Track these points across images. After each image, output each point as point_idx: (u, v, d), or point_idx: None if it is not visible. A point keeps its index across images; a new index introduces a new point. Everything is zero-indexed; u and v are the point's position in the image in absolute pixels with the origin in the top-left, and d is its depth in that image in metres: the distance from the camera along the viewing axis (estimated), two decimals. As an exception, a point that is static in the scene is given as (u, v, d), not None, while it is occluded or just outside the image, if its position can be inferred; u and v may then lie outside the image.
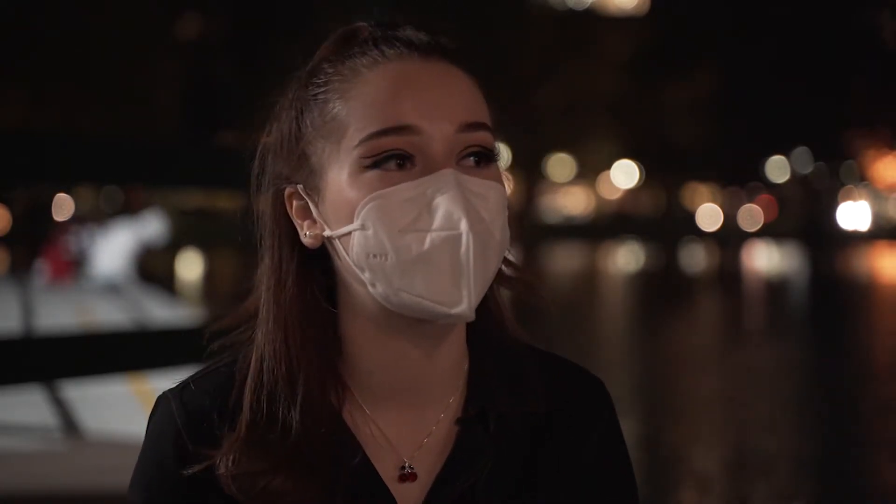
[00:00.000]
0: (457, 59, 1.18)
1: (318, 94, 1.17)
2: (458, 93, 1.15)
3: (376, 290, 1.13)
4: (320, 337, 1.18)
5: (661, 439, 7.63)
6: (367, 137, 1.12)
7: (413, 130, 1.12)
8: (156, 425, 1.20)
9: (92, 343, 5.30)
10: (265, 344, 1.17)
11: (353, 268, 1.14)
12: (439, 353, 1.19)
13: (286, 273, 1.18)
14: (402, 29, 1.18)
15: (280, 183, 1.19)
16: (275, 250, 1.19)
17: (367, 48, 1.17)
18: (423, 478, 1.19)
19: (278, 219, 1.20)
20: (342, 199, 1.14)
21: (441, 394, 1.21)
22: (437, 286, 1.10)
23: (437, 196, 1.11)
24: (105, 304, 14.95)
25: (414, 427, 1.20)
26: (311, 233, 1.18)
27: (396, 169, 1.12)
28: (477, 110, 1.16)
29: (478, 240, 1.10)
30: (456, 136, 1.14)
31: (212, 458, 1.15)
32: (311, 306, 1.18)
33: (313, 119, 1.17)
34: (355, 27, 1.20)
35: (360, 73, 1.15)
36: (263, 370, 1.17)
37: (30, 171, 5.04)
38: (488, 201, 1.13)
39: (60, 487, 5.08)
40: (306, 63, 1.21)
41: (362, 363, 1.19)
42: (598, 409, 1.29)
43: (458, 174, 1.12)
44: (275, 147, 1.20)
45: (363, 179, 1.12)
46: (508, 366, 1.24)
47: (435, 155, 1.13)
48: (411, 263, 1.11)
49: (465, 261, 1.10)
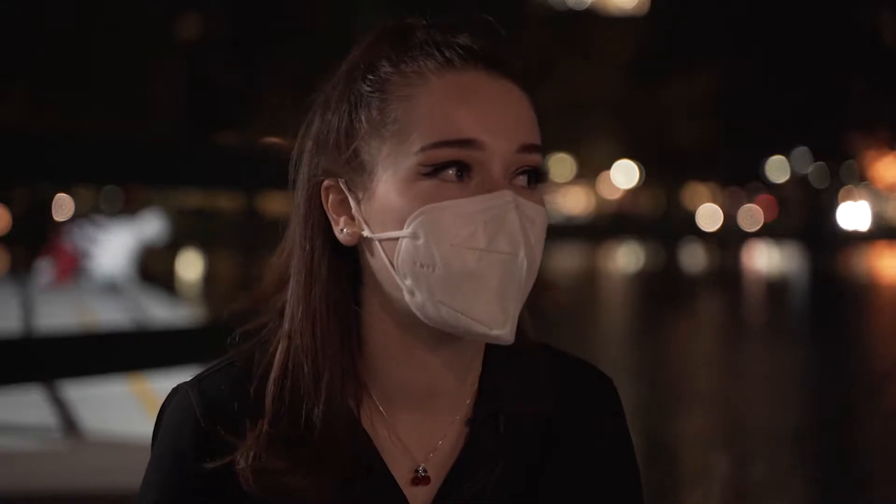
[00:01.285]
0: (517, 76, 1.18)
1: (375, 90, 1.15)
2: (519, 112, 1.16)
3: (414, 299, 1.12)
4: (345, 334, 1.17)
5: (661, 439, 7.63)
6: (430, 146, 1.11)
7: (476, 145, 1.12)
8: (172, 417, 1.19)
9: (92, 343, 5.31)
10: (293, 336, 1.17)
11: (393, 273, 1.13)
12: (460, 365, 1.19)
13: (318, 266, 1.17)
14: (458, 35, 1.17)
15: (318, 175, 1.18)
16: (307, 242, 1.18)
17: (430, 51, 1.15)
18: (435, 480, 1.19)
19: (313, 210, 1.18)
20: (392, 203, 1.13)
21: (456, 399, 1.21)
22: (482, 305, 1.10)
23: (496, 216, 1.10)
24: (105, 304, 14.95)
25: (428, 431, 1.20)
26: (348, 230, 1.16)
27: (453, 180, 1.12)
28: (534, 131, 1.17)
29: (529, 266, 1.12)
30: (514, 155, 1.13)
31: (234, 452, 1.14)
32: (339, 303, 1.17)
33: (370, 117, 1.15)
34: (408, 24, 1.18)
35: (426, 78, 1.14)
36: (289, 364, 1.16)
37: (30, 171, 5.04)
38: (536, 225, 1.14)
39: (60, 487, 5.08)
40: (351, 56, 1.19)
41: (382, 367, 1.18)
42: (607, 409, 1.29)
43: (517, 197, 1.12)
44: (318, 138, 1.18)
45: (418, 187, 1.12)
46: (520, 367, 1.24)
47: (493, 172, 1.12)
48: (459, 278, 1.10)
49: (516, 285, 1.11)
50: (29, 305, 9.42)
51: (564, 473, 1.23)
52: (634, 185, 65.08)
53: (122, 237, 18.04)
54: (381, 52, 1.17)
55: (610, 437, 1.28)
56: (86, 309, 14.35)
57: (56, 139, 5.43)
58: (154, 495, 1.17)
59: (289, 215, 1.21)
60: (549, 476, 1.23)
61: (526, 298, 1.15)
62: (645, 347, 13.20)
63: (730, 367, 11.35)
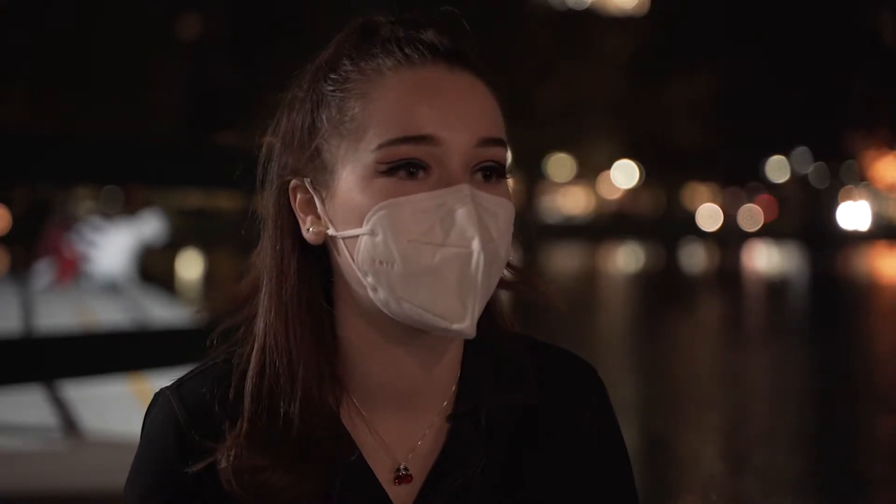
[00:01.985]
0: (480, 70, 1.17)
1: (335, 90, 1.16)
2: (479, 106, 1.15)
3: (377, 296, 1.12)
4: (319, 334, 1.17)
5: (661, 439, 7.63)
6: (387, 143, 1.11)
7: (433, 141, 1.11)
8: (155, 421, 1.19)
9: (92, 343, 5.31)
10: (266, 335, 1.17)
11: (356, 271, 1.14)
12: (435, 362, 1.19)
13: (287, 265, 1.17)
14: (424, 31, 1.16)
15: (286, 174, 1.18)
16: (276, 241, 1.19)
17: (391, 48, 1.15)
18: (417, 479, 1.19)
19: (281, 210, 1.19)
20: (352, 201, 1.13)
21: (436, 396, 1.21)
22: (442, 300, 1.10)
23: (452, 210, 1.10)
24: (105, 304, 14.94)
25: (409, 429, 1.20)
26: (314, 229, 1.17)
27: (411, 178, 1.11)
28: (496, 125, 1.16)
29: (486, 259, 1.10)
30: (474, 150, 1.13)
31: (215, 453, 1.14)
32: (311, 302, 1.17)
33: (330, 115, 1.15)
34: (374, 21, 1.18)
35: (384, 75, 1.14)
36: (265, 362, 1.16)
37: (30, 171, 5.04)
38: (498, 219, 1.13)
39: (60, 487, 5.08)
40: (320, 55, 1.19)
41: (358, 366, 1.18)
42: (587, 395, 1.28)
43: (474, 190, 1.11)
44: (285, 138, 1.19)
45: (377, 184, 1.12)
46: (500, 360, 1.24)
47: (451, 167, 1.12)
48: (418, 275, 1.10)
49: (473, 279, 1.10)
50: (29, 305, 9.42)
51: (550, 463, 1.23)
52: (634, 185, 65.07)
53: (122, 237, 18.01)
54: (344, 51, 1.17)
55: (595, 424, 1.27)
56: (86, 309, 14.35)
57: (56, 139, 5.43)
58: (137, 500, 1.18)
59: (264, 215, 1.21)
60: (535, 467, 1.22)
61: (491, 292, 1.14)
62: (644, 347, 13.20)
63: (729, 368, 11.35)
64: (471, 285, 1.10)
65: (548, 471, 1.23)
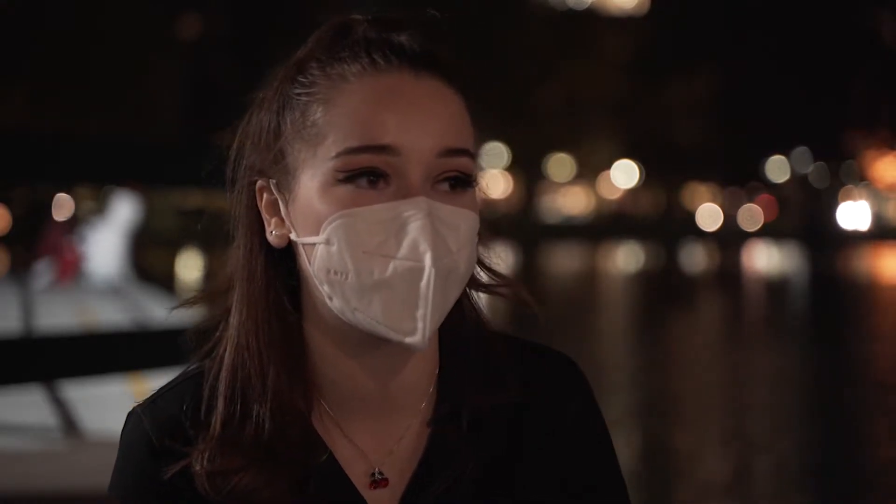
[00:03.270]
0: (448, 75, 1.14)
1: (301, 93, 1.14)
2: (443, 115, 1.12)
3: (333, 304, 1.11)
4: (287, 337, 1.16)
5: (661, 440, 7.63)
6: (345, 151, 1.09)
7: (392, 151, 1.09)
8: (129, 439, 1.19)
9: (92, 343, 5.30)
10: (238, 336, 1.16)
11: (314, 278, 1.13)
12: (399, 370, 1.17)
13: (255, 266, 1.16)
14: (397, 33, 1.14)
15: (253, 174, 1.17)
16: (245, 241, 1.17)
17: (358, 53, 1.13)
18: (395, 483, 1.17)
19: (249, 210, 1.17)
20: (311, 207, 1.11)
21: (411, 401, 1.19)
22: (393, 313, 1.08)
23: (406, 223, 1.08)
24: (105, 304, 14.94)
25: (383, 434, 1.18)
26: (277, 231, 1.15)
27: (370, 187, 1.09)
28: (460, 135, 1.13)
29: (440, 274, 1.08)
30: (435, 160, 1.10)
31: (188, 456, 1.14)
32: (277, 304, 1.16)
33: (294, 119, 1.13)
34: (349, 21, 1.16)
35: (348, 81, 1.12)
36: (238, 364, 1.16)
37: (30, 171, 5.04)
38: (458, 231, 1.11)
39: (60, 487, 5.08)
40: (294, 54, 1.17)
41: (325, 370, 1.17)
42: (574, 392, 1.26)
43: (431, 203, 1.09)
44: (253, 137, 1.17)
45: (334, 193, 1.10)
46: (480, 361, 1.22)
47: (411, 178, 1.09)
48: (371, 287, 1.08)
49: (424, 294, 1.07)
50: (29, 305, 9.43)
51: (537, 461, 1.21)
52: (634, 185, 65.07)
53: (108, 236, 17.91)
54: (314, 53, 1.15)
55: (580, 419, 1.25)
56: (86, 309, 14.35)
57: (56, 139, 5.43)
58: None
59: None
60: (521, 466, 1.21)
61: (450, 305, 1.12)
62: (644, 347, 13.20)
63: (729, 368, 11.35)
64: (423, 300, 1.08)
65: (534, 469, 1.21)
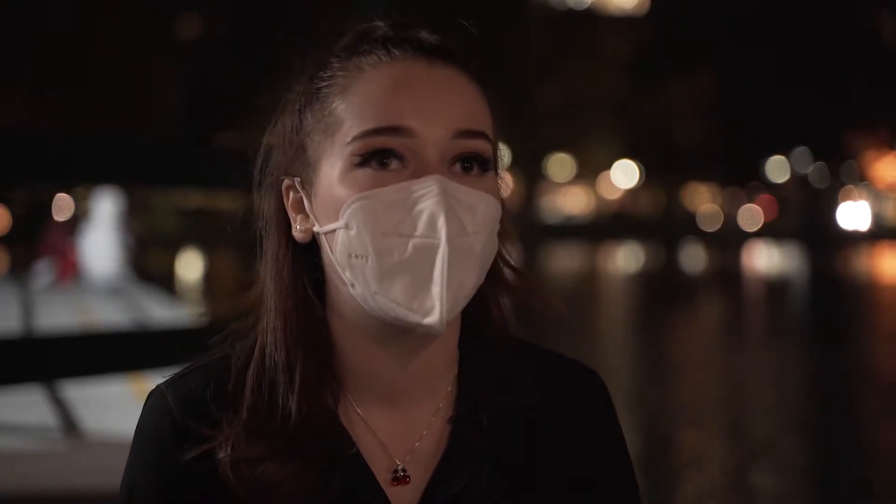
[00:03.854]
0: (463, 64, 1.17)
1: (321, 87, 1.17)
2: (458, 99, 1.14)
3: (355, 291, 1.12)
4: (314, 332, 1.17)
5: (661, 439, 7.63)
6: (361, 135, 1.12)
7: (407, 132, 1.11)
8: (149, 415, 1.19)
9: (92, 343, 5.30)
10: (268, 332, 1.17)
11: (336, 266, 1.14)
12: (422, 361, 1.18)
13: (282, 264, 1.18)
14: (414, 30, 1.17)
15: (279, 175, 1.19)
16: (273, 241, 1.20)
17: (375, 47, 1.16)
18: (416, 480, 1.18)
19: (276, 210, 1.20)
20: (331, 194, 1.13)
21: (430, 397, 1.20)
22: (413, 293, 1.09)
23: (421, 201, 1.10)
24: (105, 304, 14.94)
25: (406, 429, 1.19)
26: (302, 227, 1.17)
27: (387, 169, 1.11)
28: (476, 118, 1.15)
29: (455, 252, 1.09)
30: (451, 141, 1.12)
31: (213, 441, 1.14)
32: (304, 300, 1.18)
33: (314, 112, 1.16)
34: (371, 26, 1.19)
35: (363, 70, 1.15)
36: (265, 357, 1.17)
37: (30, 171, 5.04)
38: (476, 213, 1.12)
39: (60, 487, 5.08)
40: (316, 57, 1.20)
41: (349, 362, 1.18)
42: (591, 400, 1.27)
43: (445, 181, 1.10)
44: (278, 139, 1.20)
45: (353, 177, 1.12)
46: (501, 363, 1.23)
47: (427, 159, 1.11)
48: (390, 268, 1.10)
49: (440, 271, 1.08)
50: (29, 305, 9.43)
51: (553, 464, 1.22)
52: (634, 185, 65.08)
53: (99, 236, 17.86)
54: (335, 52, 1.18)
55: (598, 429, 1.26)
56: (86, 309, 14.35)
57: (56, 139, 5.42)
58: (126, 492, 1.19)
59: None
60: (537, 471, 1.21)
61: (469, 287, 1.12)
62: (644, 347, 13.20)
63: (729, 368, 11.35)
64: (438, 275, 1.08)
65: (550, 476, 1.22)
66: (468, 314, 1.20)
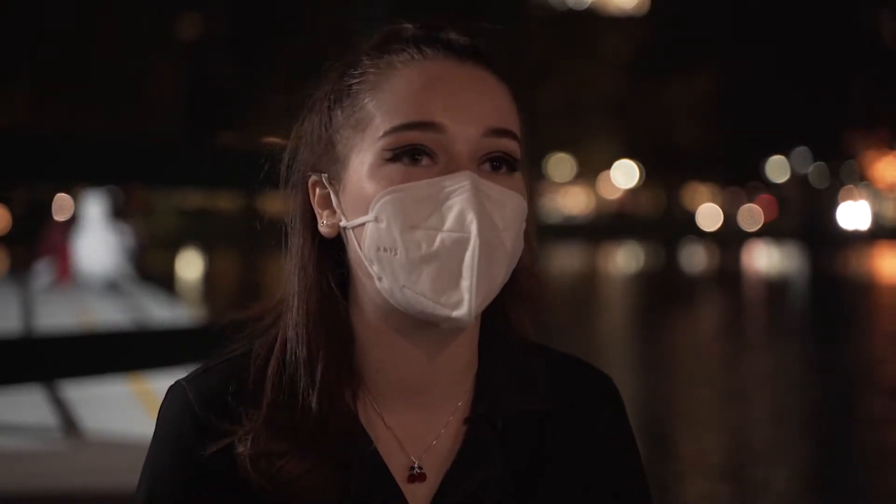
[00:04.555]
0: (493, 64, 1.19)
1: (352, 84, 1.18)
2: (488, 97, 1.16)
3: (382, 285, 1.13)
4: (337, 328, 1.18)
5: (661, 440, 7.64)
6: (392, 130, 1.13)
7: (438, 128, 1.12)
8: (170, 410, 1.20)
9: (92, 343, 5.30)
10: (290, 328, 1.19)
11: (363, 260, 1.15)
12: (444, 357, 1.19)
13: (307, 260, 1.19)
14: (444, 31, 1.19)
15: (306, 171, 1.20)
16: (298, 238, 1.21)
17: (407, 46, 1.17)
18: (431, 478, 1.19)
19: (303, 207, 1.21)
20: (360, 189, 1.14)
21: (449, 396, 1.21)
22: (440, 286, 1.11)
23: (452, 196, 1.11)
24: (105, 304, 14.95)
25: (423, 428, 1.20)
26: (328, 222, 1.18)
27: (417, 164, 1.13)
28: (505, 117, 1.17)
29: (485, 246, 1.10)
30: (481, 139, 1.14)
31: (233, 435, 1.15)
32: (329, 296, 1.19)
33: (343, 108, 1.18)
34: (401, 27, 1.21)
35: (395, 68, 1.16)
36: (287, 353, 1.18)
37: (30, 171, 5.04)
38: (505, 209, 1.14)
39: (60, 487, 5.08)
40: (345, 56, 1.21)
41: (370, 359, 1.19)
42: (602, 404, 1.28)
43: (476, 177, 1.12)
44: (306, 136, 1.21)
45: (383, 172, 1.13)
46: (517, 366, 1.24)
47: (457, 155, 1.13)
48: (419, 261, 1.11)
49: (469, 264, 1.10)
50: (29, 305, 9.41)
51: (564, 472, 1.23)
52: (634, 185, 65.09)
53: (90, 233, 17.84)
54: (365, 51, 1.20)
55: (609, 432, 1.27)
56: (86, 309, 14.35)
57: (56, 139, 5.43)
58: (149, 481, 1.19)
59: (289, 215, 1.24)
60: (549, 474, 1.22)
61: (497, 283, 1.14)
62: (644, 348, 13.21)
63: (729, 368, 11.35)
64: (468, 269, 1.10)
65: (562, 479, 1.23)
66: (487, 314, 1.21)
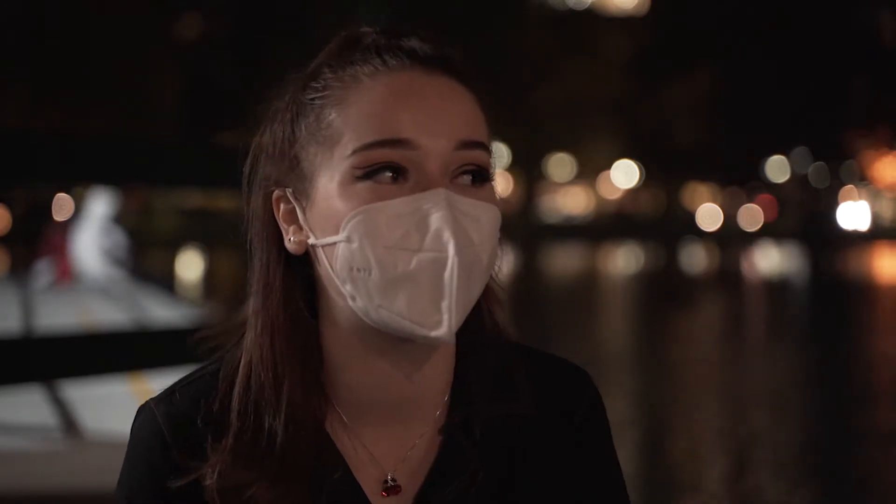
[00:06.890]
0: (460, 74, 1.16)
1: (315, 98, 1.14)
2: (458, 109, 1.13)
3: (356, 304, 1.11)
4: (305, 346, 1.16)
5: (661, 440, 7.64)
6: (362, 147, 1.10)
7: (409, 144, 1.10)
8: (139, 435, 1.19)
9: (92, 343, 5.30)
10: (253, 349, 1.16)
11: (335, 279, 1.12)
12: (421, 373, 1.17)
13: (273, 278, 1.16)
14: (406, 38, 1.15)
15: (269, 185, 1.17)
16: (262, 254, 1.18)
17: (370, 55, 1.14)
18: (408, 490, 1.18)
19: (266, 222, 1.18)
20: (330, 208, 1.12)
21: (426, 408, 1.19)
22: (418, 307, 1.08)
23: (427, 215, 1.08)
24: (105, 304, 14.94)
25: (397, 441, 1.18)
26: (295, 238, 1.15)
27: (388, 182, 1.10)
28: (476, 128, 1.14)
29: (464, 264, 1.08)
30: (452, 153, 1.11)
31: (200, 470, 1.14)
32: (295, 315, 1.16)
33: (308, 123, 1.14)
34: (359, 32, 1.17)
35: (360, 81, 1.13)
36: (251, 376, 1.15)
37: (30, 171, 5.04)
38: (480, 223, 1.11)
39: (60, 487, 5.08)
40: (305, 65, 1.18)
41: (343, 377, 1.17)
42: (583, 402, 1.26)
43: (450, 194, 1.09)
44: (267, 148, 1.18)
45: (353, 190, 1.10)
46: (494, 370, 1.22)
47: (429, 171, 1.10)
48: (394, 281, 1.08)
49: (448, 284, 1.08)
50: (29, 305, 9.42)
51: (544, 473, 1.22)
52: (634, 185, 65.10)
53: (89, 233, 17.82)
54: (326, 61, 1.16)
55: (587, 429, 1.25)
56: (86, 309, 14.35)
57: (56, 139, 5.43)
58: (127, 491, 1.19)
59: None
60: (529, 477, 1.21)
61: (474, 298, 1.12)
62: (644, 348, 13.20)
63: (730, 368, 11.35)
64: (447, 290, 1.08)
65: (541, 480, 1.22)
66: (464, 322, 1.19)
